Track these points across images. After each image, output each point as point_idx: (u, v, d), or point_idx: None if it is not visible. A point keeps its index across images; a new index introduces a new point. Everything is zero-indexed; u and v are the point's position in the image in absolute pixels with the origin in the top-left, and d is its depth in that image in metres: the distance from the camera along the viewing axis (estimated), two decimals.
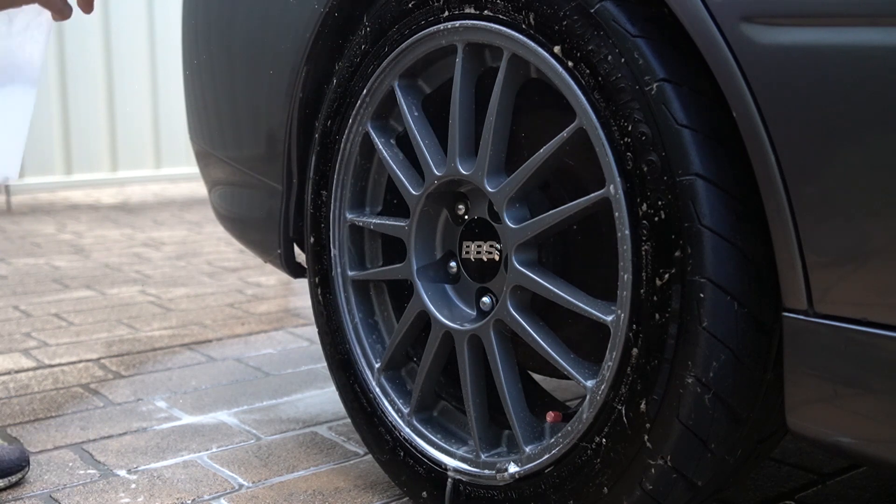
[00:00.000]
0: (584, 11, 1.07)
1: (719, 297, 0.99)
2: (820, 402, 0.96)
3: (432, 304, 1.34)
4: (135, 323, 2.58)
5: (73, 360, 2.22)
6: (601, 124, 1.07)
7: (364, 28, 1.38)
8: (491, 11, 1.19)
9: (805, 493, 1.46)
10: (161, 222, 4.47)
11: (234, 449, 1.69)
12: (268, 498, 1.49)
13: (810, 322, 0.94)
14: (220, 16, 1.74)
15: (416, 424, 1.38)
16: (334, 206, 1.46)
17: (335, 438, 1.74)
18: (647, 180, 1.02)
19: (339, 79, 1.42)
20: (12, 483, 1.50)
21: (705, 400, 1.02)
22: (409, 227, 1.36)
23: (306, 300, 2.80)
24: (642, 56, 1.02)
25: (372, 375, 1.44)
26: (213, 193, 1.95)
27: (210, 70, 1.78)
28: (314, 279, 1.52)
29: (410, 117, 1.33)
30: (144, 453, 1.66)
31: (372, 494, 1.49)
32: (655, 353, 1.04)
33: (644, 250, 1.04)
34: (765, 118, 0.93)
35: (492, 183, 1.23)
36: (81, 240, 3.97)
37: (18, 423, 1.81)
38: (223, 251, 3.69)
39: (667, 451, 1.05)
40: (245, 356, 2.27)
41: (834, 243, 0.91)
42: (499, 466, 1.25)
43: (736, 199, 1.00)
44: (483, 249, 1.31)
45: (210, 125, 1.83)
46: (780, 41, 0.91)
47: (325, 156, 1.46)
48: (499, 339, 1.25)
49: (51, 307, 2.76)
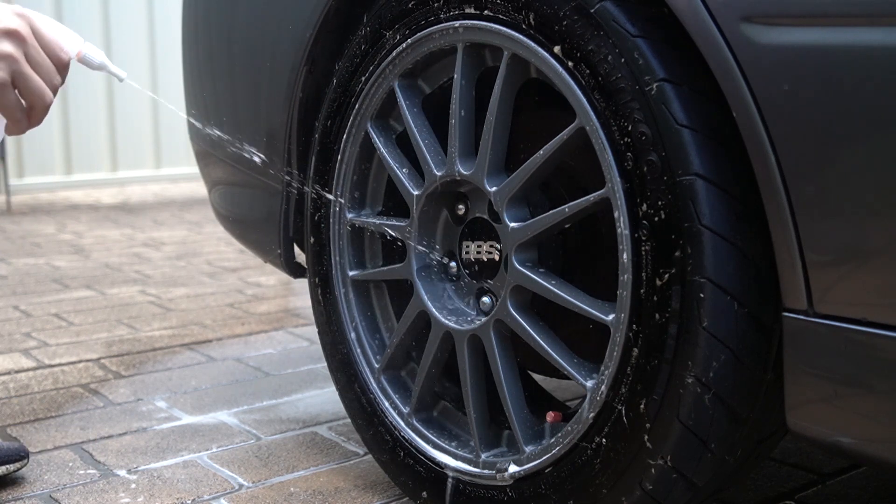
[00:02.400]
0: (584, 11, 1.07)
1: (719, 297, 0.99)
2: (820, 402, 0.96)
3: (432, 304, 1.34)
4: (135, 323, 2.58)
5: (73, 360, 2.22)
6: (601, 124, 1.07)
7: (364, 28, 1.38)
8: (491, 11, 1.19)
9: (805, 493, 1.46)
10: (161, 222, 4.47)
11: (234, 449, 1.69)
12: (268, 498, 1.49)
13: (810, 322, 0.94)
14: (220, 16, 1.74)
15: (416, 424, 1.38)
16: (334, 206, 1.46)
17: (335, 438, 1.74)
18: (647, 180, 1.02)
19: (339, 79, 1.42)
20: (10, 472, 1.50)
21: (705, 400, 1.02)
22: (409, 227, 1.36)
23: (306, 300, 2.80)
24: (642, 56, 1.02)
25: (372, 375, 1.44)
26: (213, 193, 1.95)
27: (210, 70, 1.78)
28: (314, 279, 1.52)
29: (410, 117, 1.33)
30: (144, 453, 1.66)
31: (372, 494, 1.49)
32: (655, 353, 1.04)
33: (644, 250, 1.04)
34: (765, 118, 0.93)
35: (492, 183, 1.23)
36: (81, 240, 3.97)
37: (18, 423, 1.81)
38: (223, 251, 3.69)
39: (667, 451, 1.05)
40: (245, 356, 2.27)
41: (834, 243, 0.91)
42: (499, 466, 1.25)
43: (736, 199, 1.00)
44: (483, 249, 1.31)
45: (210, 125, 1.83)
46: (780, 41, 0.91)
47: (325, 156, 1.46)
48: (499, 339, 1.25)
49: (51, 307, 2.76)
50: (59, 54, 1.13)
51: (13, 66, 1.07)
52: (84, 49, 1.19)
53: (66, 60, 1.14)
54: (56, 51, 1.12)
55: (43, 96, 1.11)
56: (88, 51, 1.20)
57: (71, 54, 1.16)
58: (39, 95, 1.11)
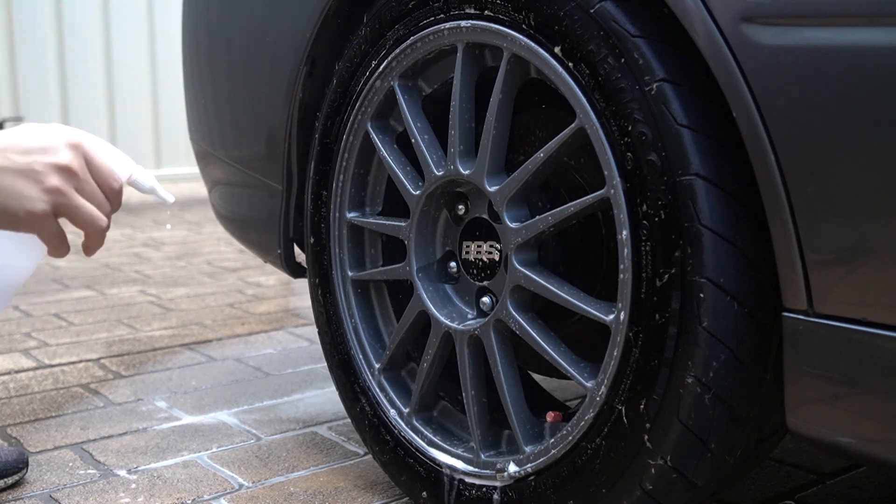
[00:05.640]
0: (584, 11, 1.07)
1: (719, 297, 0.99)
2: (820, 402, 0.96)
3: (432, 304, 1.34)
4: (135, 323, 2.58)
5: (73, 360, 2.22)
6: (601, 124, 1.07)
7: (364, 28, 1.38)
8: (491, 11, 1.19)
9: (805, 493, 1.46)
10: (161, 222, 4.47)
11: (234, 449, 1.69)
12: (268, 498, 1.49)
13: (810, 322, 0.94)
14: (220, 16, 1.74)
15: (417, 424, 1.38)
16: (334, 206, 1.46)
17: (335, 438, 1.74)
18: (647, 180, 1.02)
19: (339, 79, 1.42)
20: (9, 485, 1.50)
21: (705, 400, 1.02)
22: (409, 227, 1.36)
23: (306, 300, 2.80)
24: (642, 56, 1.02)
25: (372, 375, 1.44)
26: (213, 193, 1.95)
27: (210, 70, 1.78)
28: (314, 279, 1.52)
29: (410, 117, 1.33)
30: (144, 453, 1.66)
31: (372, 494, 1.49)
32: (655, 353, 1.04)
33: (644, 250, 1.04)
34: (765, 118, 0.93)
35: (492, 183, 1.23)
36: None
37: (18, 423, 1.81)
38: (223, 251, 3.69)
39: (667, 451, 1.05)
40: (245, 356, 2.27)
41: (834, 243, 0.91)
42: (499, 466, 1.25)
43: (736, 199, 1.00)
44: (483, 249, 1.31)
45: (210, 125, 1.83)
46: (780, 41, 0.91)
47: (325, 156, 1.46)
48: (499, 339, 1.25)
49: (51, 307, 2.76)
50: (112, 183, 1.11)
51: (58, 199, 1.06)
52: (135, 174, 1.17)
53: (118, 189, 1.12)
54: (108, 180, 1.11)
55: (94, 224, 1.10)
56: (139, 175, 1.18)
57: (122, 180, 1.14)
58: (91, 224, 1.10)
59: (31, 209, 1.05)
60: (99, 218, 1.10)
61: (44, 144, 1.06)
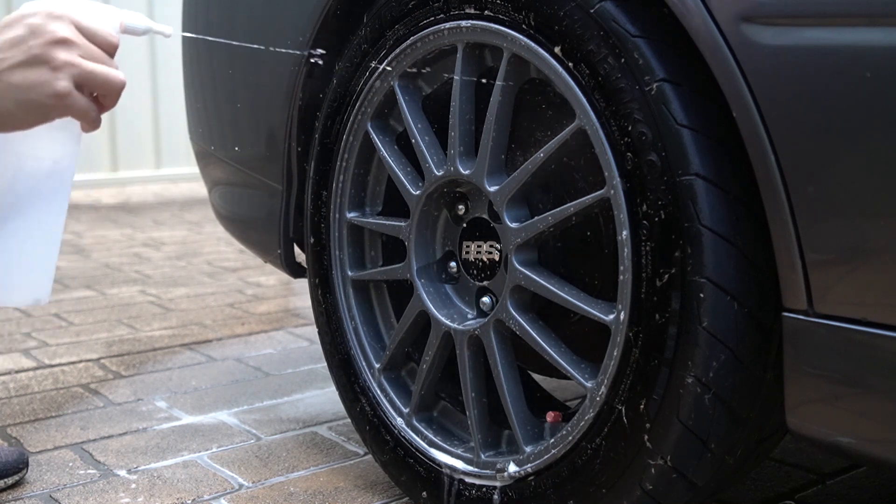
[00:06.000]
0: (584, 11, 1.07)
1: (719, 297, 0.99)
2: (820, 402, 0.96)
3: (432, 304, 1.34)
4: (135, 323, 2.58)
5: (73, 360, 2.22)
6: (601, 124, 1.07)
7: (364, 28, 1.38)
8: (491, 11, 1.19)
9: (805, 493, 1.46)
10: (161, 222, 4.47)
11: (234, 449, 1.69)
12: (268, 498, 1.49)
13: (810, 322, 0.94)
14: (220, 16, 1.74)
15: (417, 424, 1.38)
16: (334, 206, 1.46)
17: (335, 438, 1.74)
18: (647, 180, 1.02)
19: (339, 79, 1.42)
20: (9, 485, 1.50)
21: (705, 400, 1.02)
22: (409, 227, 1.36)
23: (306, 300, 2.80)
24: (642, 56, 1.02)
25: (372, 375, 1.44)
26: (213, 193, 1.95)
27: (210, 70, 1.78)
28: (314, 279, 1.52)
29: (410, 117, 1.33)
30: (144, 453, 1.66)
31: (372, 494, 1.49)
32: (655, 353, 1.04)
33: (644, 250, 1.04)
34: (765, 118, 0.93)
35: (492, 183, 1.23)
36: (81, 240, 3.97)
37: (18, 423, 1.81)
38: (223, 251, 3.69)
39: (667, 451, 1.05)
40: (245, 356, 2.27)
41: (834, 243, 0.91)
42: (499, 466, 1.25)
43: (736, 199, 1.00)
44: (483, 249, 1.31)
45: (210, 125, 1.83)
46: (780, 41, 0.91)
47: (325, 156, 1.46)
48: (499, 339, 1.25)
49: (51, 307, 2.76)
50: (109, 39, 1.10)
51: (72, 70, 1.06)
52: (125, 20, 1.15)
53: (116, 42, 1.11)
54: (105, 38, 1.10)
55: (114, 83, 1.09)
56: (130, 20, 1.16)
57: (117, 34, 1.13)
58: (110, 83, 1.09)
59: (54, 91, 1.04)
60: (116, 74, 1.09)
61: (30, 30, 1.05)
